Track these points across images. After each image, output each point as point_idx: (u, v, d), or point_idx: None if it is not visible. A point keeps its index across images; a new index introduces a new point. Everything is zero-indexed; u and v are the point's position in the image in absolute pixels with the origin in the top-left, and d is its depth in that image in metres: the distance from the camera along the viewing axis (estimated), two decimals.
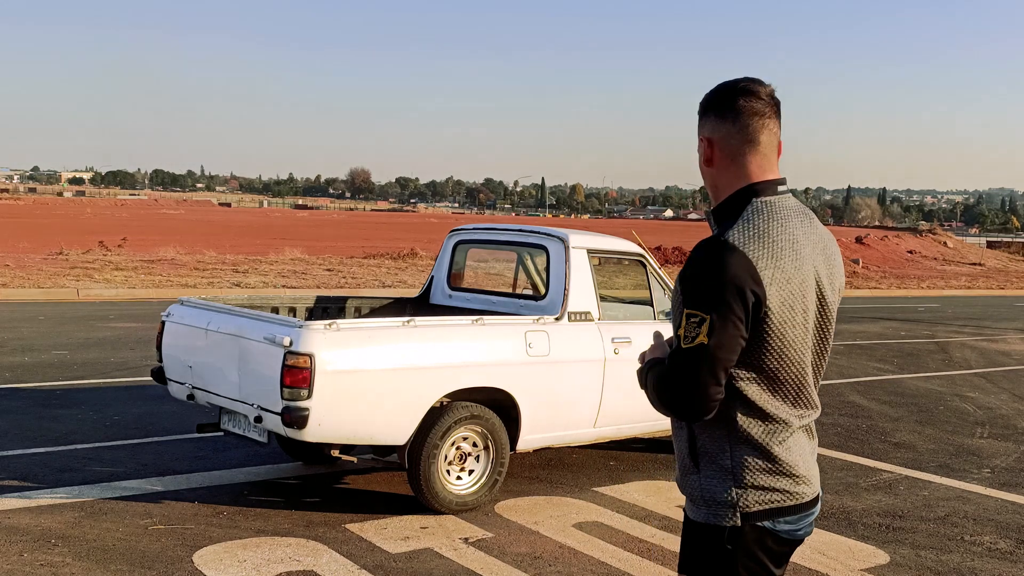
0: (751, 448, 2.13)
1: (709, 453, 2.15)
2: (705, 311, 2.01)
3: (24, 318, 13.70)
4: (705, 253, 2.06)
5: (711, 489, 2.15)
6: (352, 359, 5.08)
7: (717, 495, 2.14)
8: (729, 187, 2.20)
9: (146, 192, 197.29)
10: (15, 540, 4.78)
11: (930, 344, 15.85)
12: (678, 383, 2.05)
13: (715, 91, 2.24)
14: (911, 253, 49.75)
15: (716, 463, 2.14)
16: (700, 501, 2.17)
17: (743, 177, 2.18)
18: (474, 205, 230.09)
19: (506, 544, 5.06)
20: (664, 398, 2.10)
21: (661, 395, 2.10)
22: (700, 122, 2.25)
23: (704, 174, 2.27)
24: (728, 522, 2.13)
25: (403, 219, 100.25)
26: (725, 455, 2.14)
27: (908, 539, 5.48)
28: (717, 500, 2.14)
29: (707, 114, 2.23)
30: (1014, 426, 9.06)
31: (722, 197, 2.21)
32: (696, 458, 2.17)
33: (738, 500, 2.12)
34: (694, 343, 2.02)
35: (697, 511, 2.18)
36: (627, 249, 6.67)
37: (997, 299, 31.19)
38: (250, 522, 5.21)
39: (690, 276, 2.06)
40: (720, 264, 2.02)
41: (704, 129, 2.23)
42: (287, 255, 27.20)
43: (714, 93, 2.23)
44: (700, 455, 2.16)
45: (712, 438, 2.15)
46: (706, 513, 2.15)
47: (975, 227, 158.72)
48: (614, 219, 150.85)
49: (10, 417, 7.47)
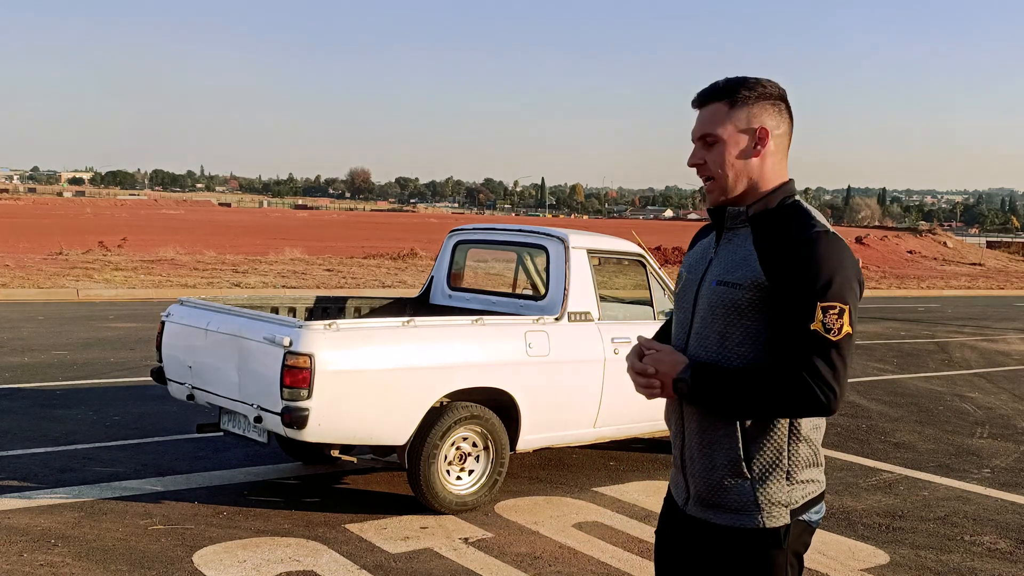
0: (803, 443, 2.13)
1: (766, 456, 2.10)
2: (843, 301, 2.01)
3: (24, 318, 13.69)
4: (827, 247, 2.04)
5: (767, 492, 2.11)
6: (352, 359, 5.08)
7: (772, 496, 2.11)
8: (772, 181, 2.16)
9: (146, 192, 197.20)
10: (15, 540, 4.78)
11: (930, 344, 15.84)
12: (833, 376, 1.99)
13: (770, 83, 2.17)
14: (911, 253, 49.78)
15: (774, 465, 2.10)
16: (751, 507, 2.11)
17: (784, 173, 2.19)
18: (474, 205, 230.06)
19: (506, 544, 5.06)
20: (807, 396, 1.98)
21: (801, 394, 1.99)
22: (750, 110, 2.13)
23: (737, 165, 2.14)
24: (780, 522, 2.11)
25: (403, 219, 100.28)
26: (783, 455, 2.10)
27: (908, 539, 5.48)
28: (771, 501, 2.11)
29: (762, 103, 2.14)
30: (1014, 426, 9.06)
31: (761, 190, 2.16)
32: (750, 464, 2.10)
33: (789, 497, 2.12)
34: (842, 333, 2.00)
35: (743, 518, 2.12)
36: (627, 249, 6.67)
37: (997, 299, 31.18)
38: (250, 522, 5.21)
39: (820, 269, 2.01)
40: (844, 255, 2.05)
41: (759, 118, 2.13)
42: (287, 255, 27.20)
43: (772, 84, 2.17)
44: (754, 460, 2.10)
45: (771, 440, 2.10)
46: (757, 518, 2.11)
47: (975, 227, 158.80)
48: (614, 219, 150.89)
49: (10, 417, 7.46)
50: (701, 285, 2.20)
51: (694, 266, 2.27)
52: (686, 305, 2.24)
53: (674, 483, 2.32)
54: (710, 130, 2.14)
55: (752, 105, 2.14)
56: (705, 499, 2.17)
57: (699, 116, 2.18)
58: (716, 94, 2.15)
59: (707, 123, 2.15)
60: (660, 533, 2.37)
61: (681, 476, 2.25)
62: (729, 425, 2.11)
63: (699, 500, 2.19)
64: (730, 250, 2.17)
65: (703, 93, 2.18)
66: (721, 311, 2.11)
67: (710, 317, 2.14)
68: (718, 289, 2.13)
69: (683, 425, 2.21)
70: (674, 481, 2.32)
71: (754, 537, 2.11)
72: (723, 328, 2.11)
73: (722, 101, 2.14)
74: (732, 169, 2.15)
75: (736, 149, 2.14)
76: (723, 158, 2.14)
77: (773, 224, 2.13)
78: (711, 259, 2.22)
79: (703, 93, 2.18)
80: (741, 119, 2.13)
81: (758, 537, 2.11)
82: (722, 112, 2.13)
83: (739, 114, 2.13)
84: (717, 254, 2.21)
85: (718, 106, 2.14)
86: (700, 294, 2.19)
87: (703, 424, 2.15)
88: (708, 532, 2.17)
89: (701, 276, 2.22)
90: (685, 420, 2.20)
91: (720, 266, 2.17)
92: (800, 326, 2.00)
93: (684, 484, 2.24)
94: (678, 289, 2.31)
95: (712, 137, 2.15)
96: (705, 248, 2.29)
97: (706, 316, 2.15)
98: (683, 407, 2.21)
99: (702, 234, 2.37)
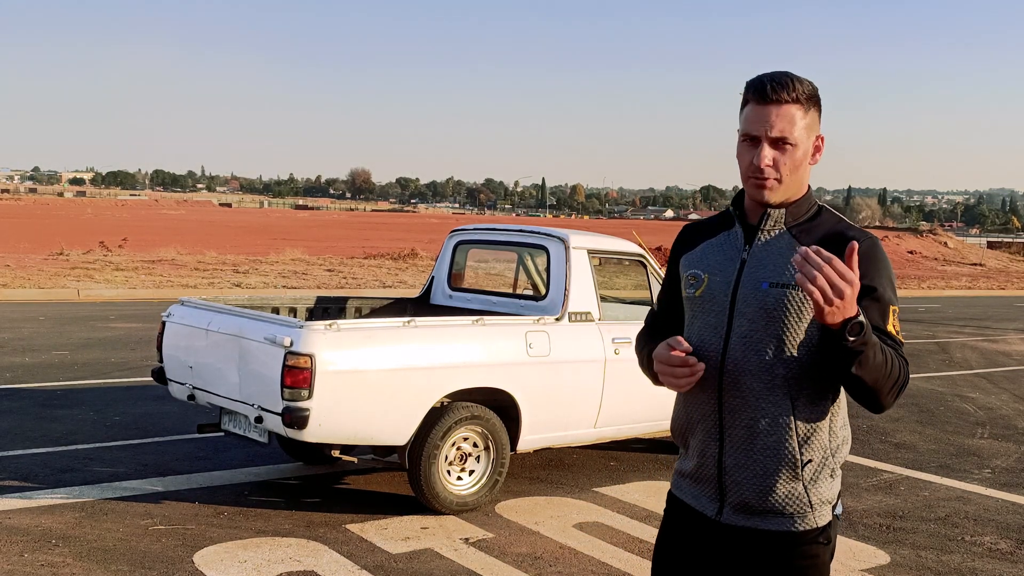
0: (841, 440, 2.15)
1: (816, 456, 2.10)
2: (897, 304, 2.09)
3: (25, 318, 13.70)
4: (883, 251, 2.10)
5: (819, 492, 2.11)
6: (352, 359, 5.08)
7: (823, 495, 2.11)
8: (806, 186, 2.18)
9: (146, 192, 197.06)
10: (16, 540, 4.78)
11: (931, 344, 15.84)
12: (904, 378, 2.02)
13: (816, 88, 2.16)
14: (912, 253, 49.76)
15: (822, 464, 2.11)
16: (806, 508, 2.10)
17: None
18: (474, 205, 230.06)
19: (506, 544, 5.06)
20: (905, 375, 2.02)
21: (904, 372, 2.02)
22: (816, 117, 2.13)
23: (802, 170, 2.12)
24: (827, 519, 2.13)
25: (403, 219, 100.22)
26: (827, 453, 2.11)
27: (909, 539, 5.48)
28: (822, 500, 2.11)
29: (818, 109, 2.13)
30: (1015, 426, 9.06)
31: (797, 195, 2.15)
32: (804, 466, 2.09)
33: (832, 493, 2.14)
34: (901, 336, 2.07)
35: (797, 521, 2.10)
36: (627, 249, 6.67)
37: (998, 299, 31.16)
38: (251, 522, 5.22)
39: (887, 275, 2.07)
40: (888, 261, 2.12)
41: (819, 125, 2.14)
42: (287, 255, 27.19)
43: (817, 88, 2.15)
44: (808, 462, 2.09)
45: (818, 440, 2.09)
46: (811, 518, 2.11)
47: (976, 227, 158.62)
48: (614, 219, 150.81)
49: (11, 417, 7.47)
50: (739, 287, 2.12)
51: (718, 267, 2.18)
52: (717, 308, 2.14)
53: (695, 495, 2.21)
54: (789, 134, 2.07)
55: (817, 112, 2.13)
56: (753, 506, 2.11)
57: (775, 114, 2.07)
58: (794, 95, 2.08)
59: (787, 127, 2.07)
60: (671, 547, 2.27)
61: (714, 486, 2.15)
62: (785, 429, 2.06)
63: (743, 508, 2.12)
64: (772, 252, 2.12)
65: (779, 90, 2.07)
66: (779, 314, 2.05)
67: (763, 320, 2.07)
68: (772, 291, 2.06)
69: (722, 433, 2.12)
70: (694, 493, 2.21)
71: (808, 538, 2.11)
72: (781, 331, 2.06)
73: (799, 104, 2.08)
74: (798, 174, 2.12)
75: (806, 156, 2.12)
76: (796, 162, 2.10)
77: (813, 227, 2.13)
78: (743, 260, 2.14)
79: (779, 90, 2.07)
80: (813, 126, 2.12)
81: (812, 538, 2.11)
82: (799, 116, 2.08)
83: (811, 120, 2.11)
84: (752, 255, 2.13)
85: (794, 109, 2.08)
86: (741, 296, 2.11)
87: (754, 430, 2.08)
88: (753, 540, 2.12)
89: (736, 278, 2.13)
90: (726, 428, 2.11)
91: (766, 268, 2.10)
92: (878, 328, 2.02)
93: (718, 494, 2.15)
94: (701, 291, 2.19)
95: (790, 141, 2.08)
96: (723, 248, 2.20)
97: (757, 319, 2.07)
98: (723, 416, 2.12)
99: (705, 233, 2.28)
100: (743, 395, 2.09)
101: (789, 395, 2.06)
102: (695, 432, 2.19)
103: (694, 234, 2.33)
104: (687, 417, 2.21)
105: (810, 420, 2.08)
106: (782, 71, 2.12)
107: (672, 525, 2.28)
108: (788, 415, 2.07)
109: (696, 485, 2.21)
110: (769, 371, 2.06)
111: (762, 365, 2.07)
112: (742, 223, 2.19)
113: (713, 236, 2.26)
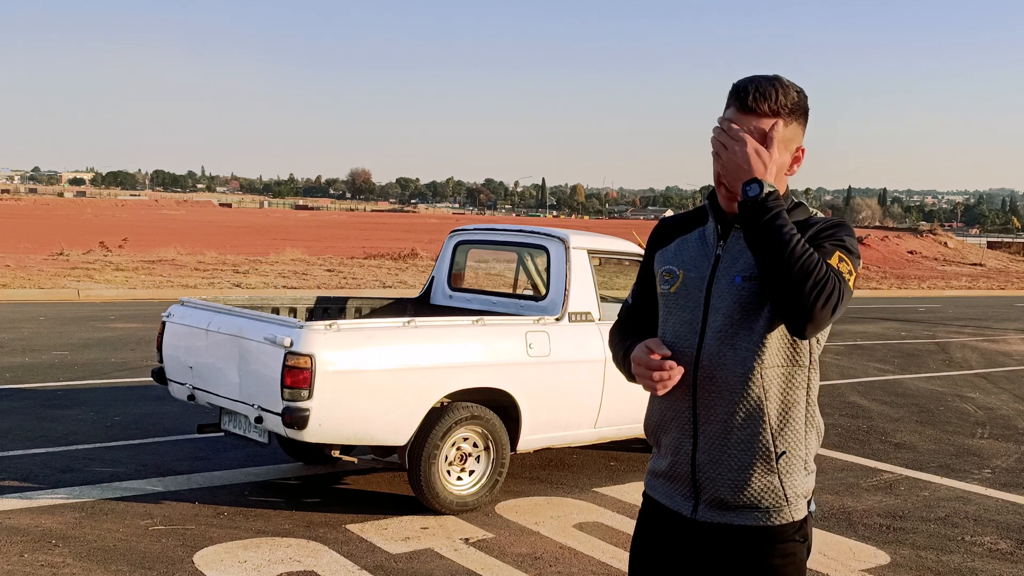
0: (814, 432, 2.15)
1: (790, 448, 2.09)
2: (856, 267, 2.06)
3: (25, 318, 13.70)
4: (850, 228, 2.12)
5: (794, 485, 2.10)
6: (353, 359, 5.08)
7: (797, 488, 2.11)
8: (783, 191, 2.16)
9: (146, 193, 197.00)
10: (16, 540, 4.78)
11: (931, 344, 15.84)
12: (832, 285, 1.95)
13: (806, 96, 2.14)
14: (911, 253, 49.73)
15: (795, 456, 2.10)
16: (781, 502, 2.09)
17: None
18: (474, 206, 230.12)
19: (506, 544, 5.06)
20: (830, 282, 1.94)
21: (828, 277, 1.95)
22: (799, 128, 2.13)
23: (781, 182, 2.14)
24: (802, 514, 2.13)
25: (403, 219, 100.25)
26: (801, 445, 2.11)
27: (909, 539, 5.48)
28: (797, 494, 2.11)
29: (802, 120, 2.14)
30: (1015, 427, 9.06)
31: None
32: (779, 459, 2.08)
33: (807, 487, 2.14)
34: (851, 277, 2.03)
35: (773, 515, 2.09)
36: (627, 249, 6.67)
37: (998, 299, 31.17)
38: (250, 523, 5.22)
39: (848, 239, 2.08)
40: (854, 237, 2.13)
41: (802, 136, 2.14)
42: (287, 255, 27.20)
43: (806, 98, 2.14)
44: (782, 454, 2.09)
45: (792, 432, 2.10)
46: (787, 512, 2.10)
47: (976, 227, 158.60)
48: (615, 220, 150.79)
49: (11, 417, 7.47)
50: (714, 282, 2.11)
51: (692, 263, 2.17)
52: (692, 304, 2.13)
53: (669, 493, 2.20)
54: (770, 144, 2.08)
55: (802, 123, 2.13)
56: (728, 502, 2.10)
57: (752, 126, 2.07)
58: (775, 107, 2.07)
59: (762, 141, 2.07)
60: (646, 547, 2.25)
61: (688, 484, 2.15)
62: (759, 422, 2.06)
63: (718, 504, 2.11)
64: (743, 247, 2.10)
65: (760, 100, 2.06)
66: (753, 307, 2.06)
67: (738, 315, 2.07)
68: (745, 285, 2.07)
69: (696, 429, 2.12)
70: (668, 491, 2.20)
71: (785, 535, 2.10)
72: (754, 323, 2.06)
73: (778, 116, 2.07)
74: (780, 183, 2.12)
75: (782, 169, 2.12)
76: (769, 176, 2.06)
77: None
78: (717, 256, 2.13)
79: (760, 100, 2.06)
80: (794, 138, 2.12)
81: (788, 535, 2.10)
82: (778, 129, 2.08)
83: (792, 133, 2.11)
84: (726, 251, 2.13)
85: (773, 121, 2.08)
86: (716, 291, 2.10)
87: (729, 424, 2.08)
88: (729, 537, 2.11)
89: (710, 273, 2.13)
90: (700, 424, 2.11)
91: (740, 262, 2.09)
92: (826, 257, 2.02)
93: (692, 491, 2.14)
94: (676, 288, 2.18)
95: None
96: (698, 244, 2.19)
97: (732, 314, 2.08)
98: (698, 412, 2.11)
99: (679, 229, 2.27)
100: (718, 390, 2.09)
101: (763, 386, 2.07)
102: (668, 430, 2.18)
103: (668, 230, 2.30)
104: (660, 415, 2.20)
105: (783, 410, 2.09)
106: (770, 77, 2.10)
107: (647, 526, 2.27)
108: (762, 406, 2.07)
109: (670, 484, 2.20)
110: (743, 364, 2.07)
111: (737, 359, 2.07)
112: (717, 218, 2.18)
113: (688, 232, 2.24)
